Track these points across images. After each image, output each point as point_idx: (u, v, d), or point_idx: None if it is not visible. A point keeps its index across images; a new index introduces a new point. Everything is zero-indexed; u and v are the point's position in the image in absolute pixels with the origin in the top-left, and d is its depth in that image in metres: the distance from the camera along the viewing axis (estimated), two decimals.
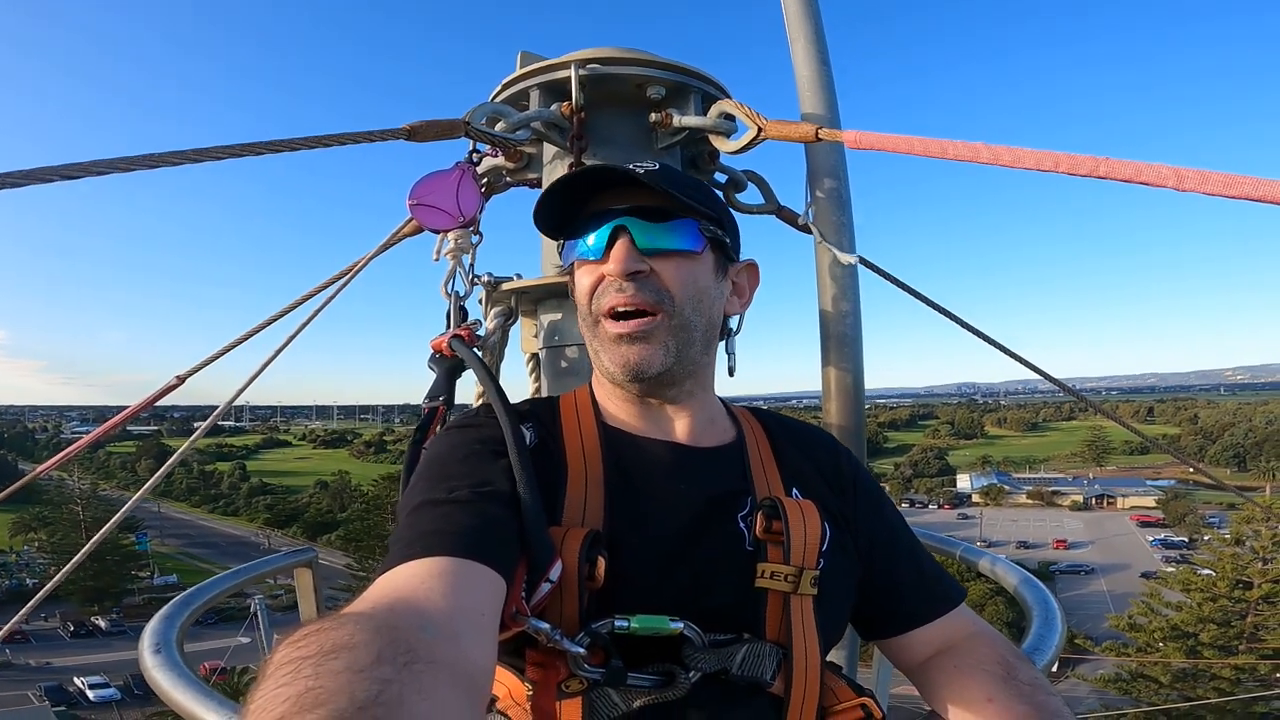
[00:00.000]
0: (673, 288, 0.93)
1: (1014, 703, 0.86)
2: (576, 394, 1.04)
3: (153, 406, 2.25)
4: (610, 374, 0.96)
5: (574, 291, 1.01)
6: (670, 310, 0.93)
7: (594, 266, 0.95)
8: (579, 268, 0.99)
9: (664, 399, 0.99)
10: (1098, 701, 25.94)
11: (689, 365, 0.97)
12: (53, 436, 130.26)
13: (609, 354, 0.94)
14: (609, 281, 0.93)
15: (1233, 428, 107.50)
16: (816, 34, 1.66)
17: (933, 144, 1.07)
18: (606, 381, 1.00)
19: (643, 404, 1.00)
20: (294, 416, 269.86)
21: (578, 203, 0.98)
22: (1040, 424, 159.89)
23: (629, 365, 0.93)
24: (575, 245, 0.98)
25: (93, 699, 31.16)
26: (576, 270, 0.99)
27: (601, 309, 0.94)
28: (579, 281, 0.98)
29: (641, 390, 0.97)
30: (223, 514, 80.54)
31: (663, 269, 0.93)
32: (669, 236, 0.94)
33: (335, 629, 0.54)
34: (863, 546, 1.02)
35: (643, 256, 0.92)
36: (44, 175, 0.79)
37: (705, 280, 0.97)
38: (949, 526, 64.14)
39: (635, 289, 0.92)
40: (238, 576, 1.84)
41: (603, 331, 0.95)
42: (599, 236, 0.94)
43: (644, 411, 1.00)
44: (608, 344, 0.94)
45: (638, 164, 0.96)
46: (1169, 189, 0.84)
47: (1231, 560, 25.11)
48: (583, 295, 0.97)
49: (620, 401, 1.00)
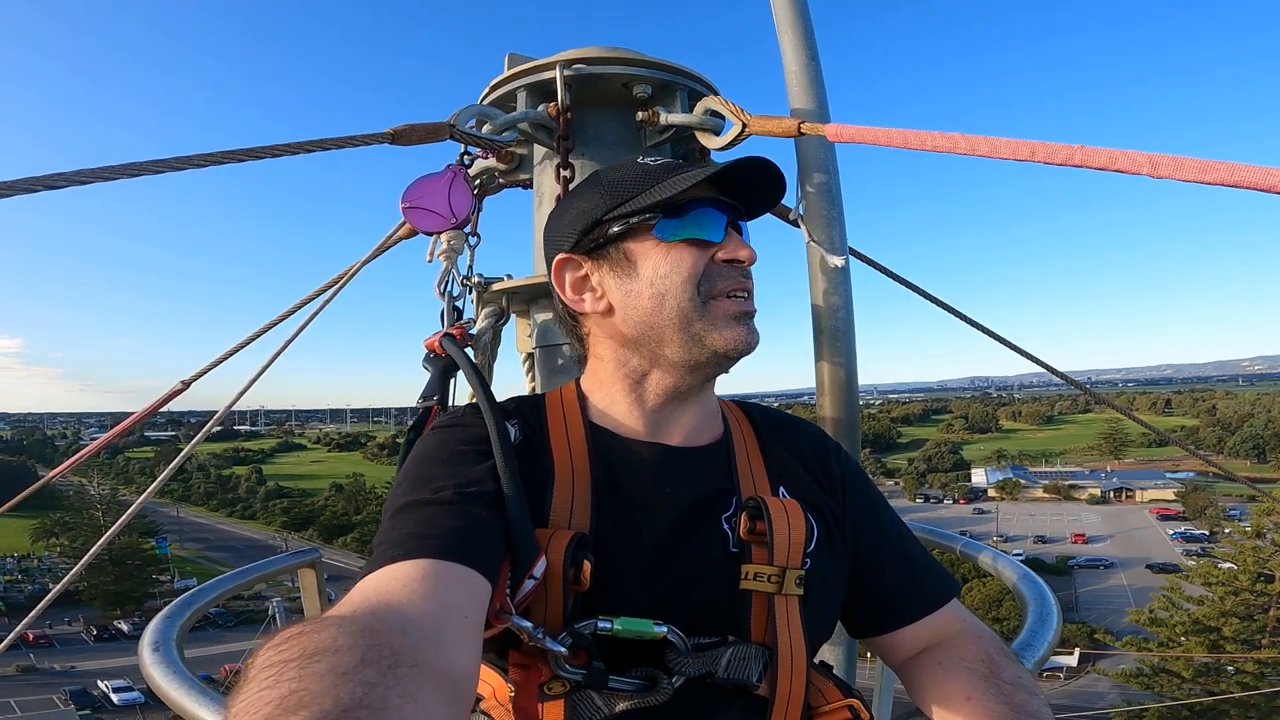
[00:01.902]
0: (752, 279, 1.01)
1: (992, 702, 0.85)
2: (563, 392, 1.03)
3: (167, 413, 2.30)
4: (725, 351, 0.95)
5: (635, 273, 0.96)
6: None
7: (704, 250, 0.95)
8: (670, 248, 0.95)
9: (697, 388, 0.99)
10: (1119, 697, 25.70)
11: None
12: (71, 443, 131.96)
13: (728, 331, 0.94)
14: (728, 266, 0.96)
15: (1252, 419, 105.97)
16: (804, 28, 1.66)
17: (912, 136, 1.08)
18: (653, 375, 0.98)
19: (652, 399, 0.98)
20: (308, 420, 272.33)
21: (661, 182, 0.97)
22: (1055, 417, 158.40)
23: (749, 341, 0.95)
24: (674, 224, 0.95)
25: (117, 702, 31.60)
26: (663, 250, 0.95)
27: (718, 290, 0.95)
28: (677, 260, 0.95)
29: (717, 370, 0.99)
30: (240, 518, 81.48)
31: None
32: (747, 233, 1.03)
33: (318, 632, 0.54)
34: (851, 544, 1.01)
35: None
36: (30, 186, 0.81)
37: None
38: (964, 522, 63.81)
39: (749, 277, 0.99)
40: (242, 577, 1.85)
41: (719, 309, 0.95)
42: (716, 222, 0.97)
43: (642, 409, 0.98)
44: (725, 322, 0.94)
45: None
46: (1144, 175, 0.84)
47: (1253, 553, 24.79)
48: (688, 275, 0.94)
49: (635, 399, 0.98)
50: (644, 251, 0.96)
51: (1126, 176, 0.84)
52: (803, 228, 1.62)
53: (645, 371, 0.98)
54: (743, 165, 0.98)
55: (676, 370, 0.96)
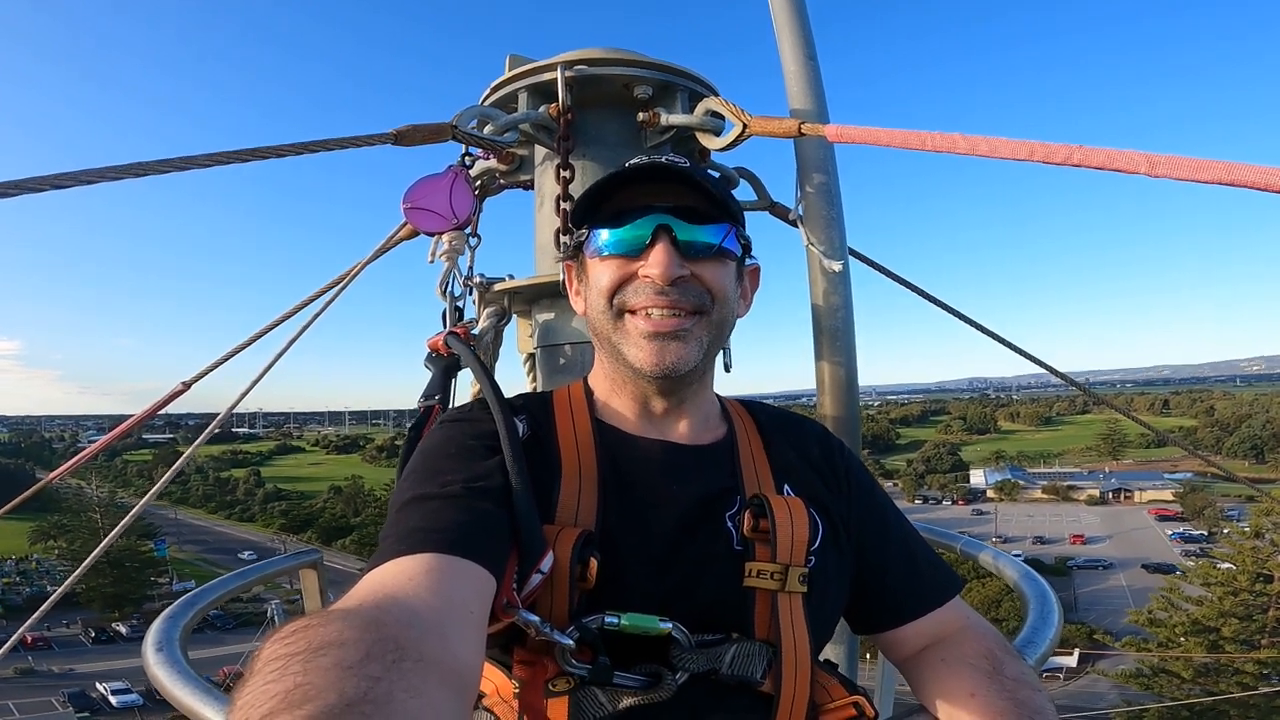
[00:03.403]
0: (713, 290, 0.94)
1: (996, 698, 0.86)
2: (570, 389, 1.04)
3: (166, 415, 2.30)
4: (634, 369, 0.93)
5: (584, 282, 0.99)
6: (709, 311, 0.94)
7: (625, 261, 0.93)
8: (602, 260, 0.95)
9: (674, 397, 0.98)
10: (1119, 697, 25.69)
11: (708, 364, 0.98)
12: (69, 446, 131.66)
13: (635, 349, 0.92)
14: (644, 282, 0.92)
15: (1250, 419, 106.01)
16: (803, 29, 1.67)
17: (912, 136, 1.08)
18: (620, 375, 0.98)
19: (645, 401, 0.99)
20: (307, 423, 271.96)
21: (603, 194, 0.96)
22: (1054, 418, 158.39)
23: (662, 363, 0.91)
24: (599, 236, 0.95)
25: (115, 705, 31.47)
26: (598, 262, 0.96)
27: (631, 305, 0.92)
28: (600, 274, 0.95)
29: (660, 388, 0.96)
30: (239, 520, 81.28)
31: (702, 270, 0.93)
32: (709, 237, 0.94)
33: (323, 626, 0.54)
34: (855, 540, 1.01)
35: (683, 260, 0.92)
36: (35, 185, 0.81)
37: (733, 283, 0.98)
38: (963, 523, 63.74)
39: (676, 294, 0.91)
40: (243, 578, 1.86)
41: (629, 325, 0.93)
42: (636, 231, 0.92)
43: (643, 409, 0.99)
44: (634, 339, 0.93)
45: (672, 157, 0.95)
46: (1141, 175, 0.85)
47: (1251, 553, 24.81)
48: (604, 287, 0.94)
49: (624, 400, 1.00)
50: (590, 261, 0.98)
51: (1125, 176, 0.85)
52: (801, 229, 1.63)
53: (623, 376, 0.99)
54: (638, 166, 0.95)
55: (632, 379, 0.97)
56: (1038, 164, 0.92)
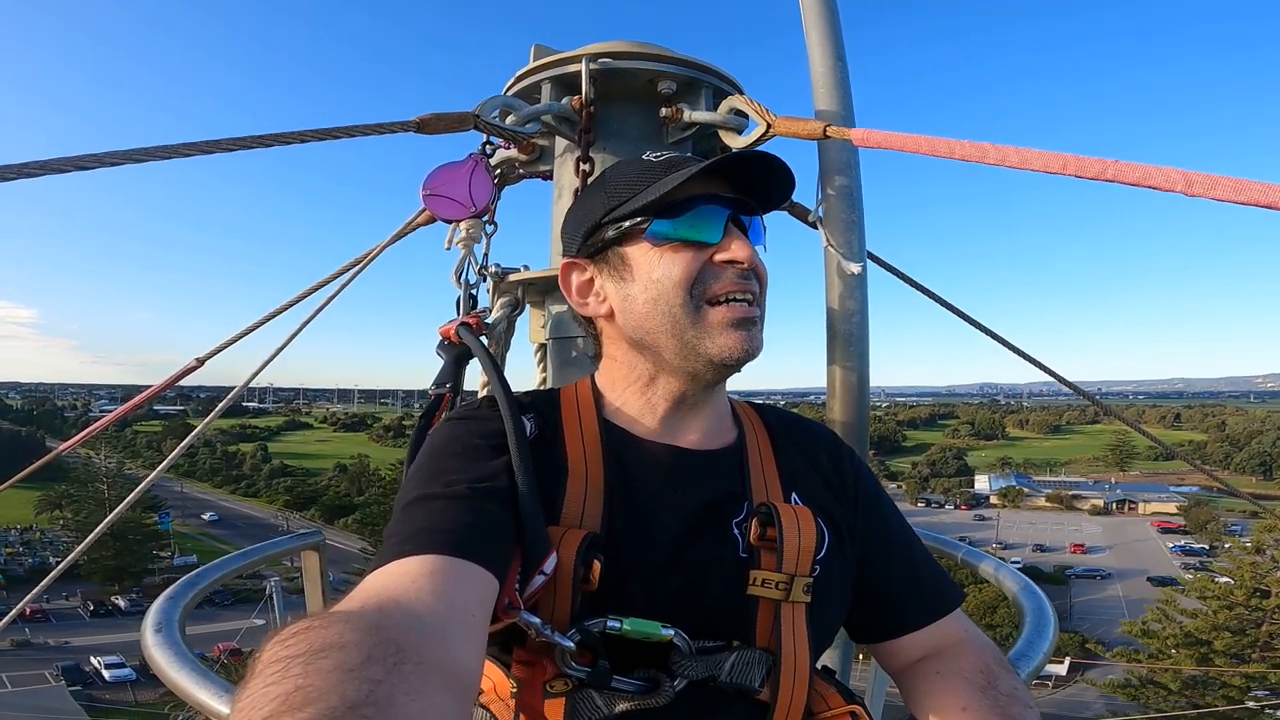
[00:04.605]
0: (763, 279, 0.97)
1: (987, 713, 0.86)
2: (578, 387, 1.03)
3: (178, 388, 2.31)
4: (721, 359, 0.92)
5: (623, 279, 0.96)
6: (763, 301, 0.97)
7: (700, 251, 0.93)
8: (667, 250, 0.93)
9: (706, 393, 0.98)
10: (1105, 707, 25.76)
11: None
12: (81, 415, 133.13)
13: (722, 338, 0.92)
14: (724, 268, 0.93)
15: (1260, 435, 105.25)
16: (833, 30, 1.64)
17: (940, 143, 1.07)
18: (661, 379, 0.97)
19: (671, 400, 0.97)
20: (316, 399, 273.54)
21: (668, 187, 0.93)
22: (1063, 427, 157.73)
23: (748, 349, 0.93)
24: (668, 225, 0.92)
25: (108, 679, 31.69)
26: (658, 252, 0.93)
27: (713, 293, 0.92)
28: (670, 263, 0.92)
29: (716, 378, 0.96)
30: (244, 495, 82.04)
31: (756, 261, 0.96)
32: (759, 230, 1.00)
33: (324, 628, 0.54)
34: (860, 550, 1.01)
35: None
36: (61, 166, 0.82)
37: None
38: (965, 528, 63.71)
39: (752, 279, 0.95)
40: (246, 558, 1.86)
41: (713, 317, 0.92)
42: (713, 221, 0.93)
43: (664, 413, 0.97)
44: (719, 329, 0.92)
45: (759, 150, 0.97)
46: (1178, 193, 0.83)
47: (1251, 568, 24.71)
48: (680, 279, 0.92)
49: (634, 399, 0.98)
50: (639, 254, 0.95)
51: (1162, 193, 0.83)
52: (821, 231, 1.61)
53: (653, 375, 0.97)
54: (741, 159, 0.96)
55: (679, 375, 0.95)
56: (1070, 177, 0.91)
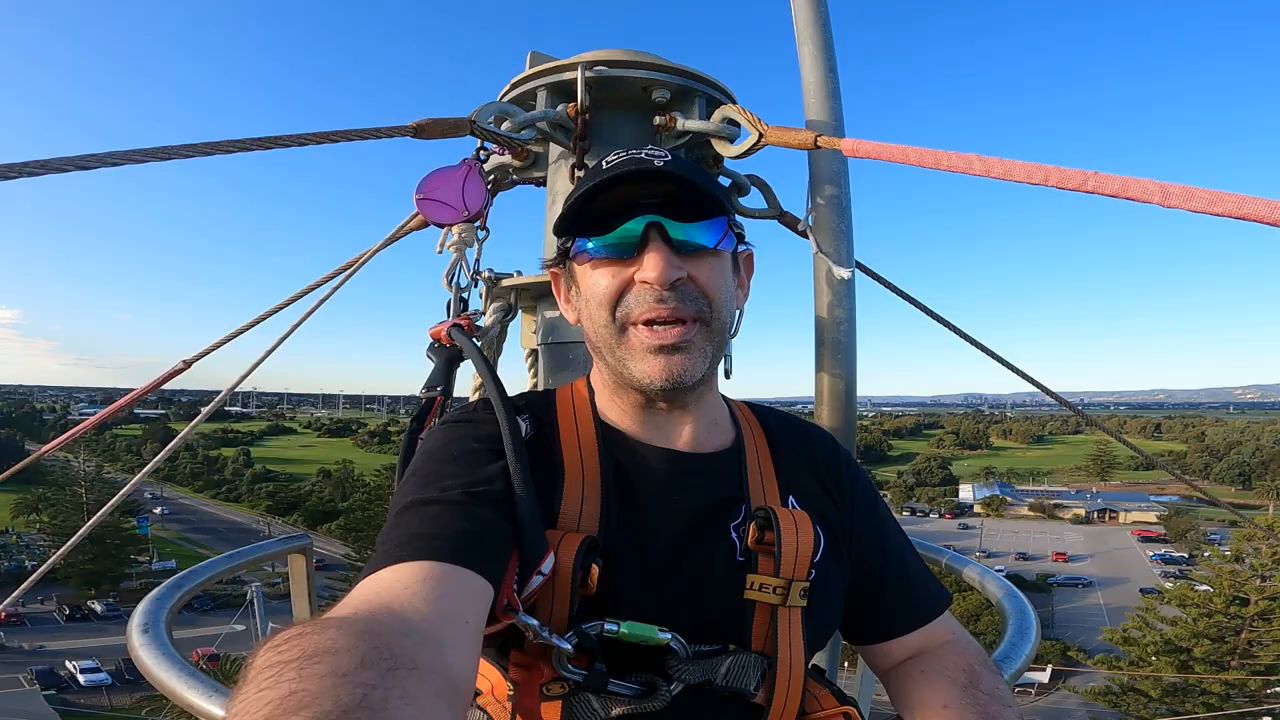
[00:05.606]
0: (710, 292, 0.89)
1: (968, 711, 0.87)
2: (574, 389, 1.02)
3: (160, 390, 2.29)
4: (642, 385, 0.89)
5: (575, 291, 0.96)
6: (709, 317, 0.90)
7: (619, 267, 0.88)
8: (593, 267, 0.90)
9: (680, 405, 0.95)
10: (1086, 715, 25.91)
11: (712, 372, 0.95)
12: (60, 418, 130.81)
13: (642, 364, 0.88)
14: (642, 289, 0.87)
15: (1239, 446, 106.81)
16: (825, 41, 1.67)
17: (927, 154, 1.09)
18: (626, 388, 0.94)
19: (651, 409, 0.96)
20: (300, 404, 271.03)
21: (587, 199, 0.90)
22: (1046, 437, 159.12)
23: (671, 376, 0.87)
24: (587, 241, 0.90)
25: (84, 683, 31.12)
26: (589, 269, 0.91)
27: (632, 317, 0.88)
28: (594, 282, 0.90)
29: (668, 398, 0.92)
30: (225, 500, 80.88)
31: (697, 271, 0.89)
32: (702, 234, 0.89)
33: (318, 633, 0.54)
34: (855, 554, 1.02)
35: (679, 260, 0.87)
36: (60, 165, 0.82)
37: (730, 279, 0.94)
38: (949, 536, 64.03)
39: (676, 299, 0.87)
40: (232, 560, 1.85)
41: (634, 340, 0.89)
42: (626, 233, 0.87)
43: (649, 416, 0.96)
44: (640, 354, 0.88)
45: (651, 151, 0.90)
46: (1154, 204, 0.85)
47: (1230, 577, 25.08)
48: (602, 298, 0.89)
49: (625, 405, 0.97)
50: (580, 269, 0.94)
51: (1146, 205, 0.85)
52: (811, 239, 1.64)
53: (617, 383, 0.96)
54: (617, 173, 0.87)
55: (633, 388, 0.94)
56: (1052, 188, 0.93)
